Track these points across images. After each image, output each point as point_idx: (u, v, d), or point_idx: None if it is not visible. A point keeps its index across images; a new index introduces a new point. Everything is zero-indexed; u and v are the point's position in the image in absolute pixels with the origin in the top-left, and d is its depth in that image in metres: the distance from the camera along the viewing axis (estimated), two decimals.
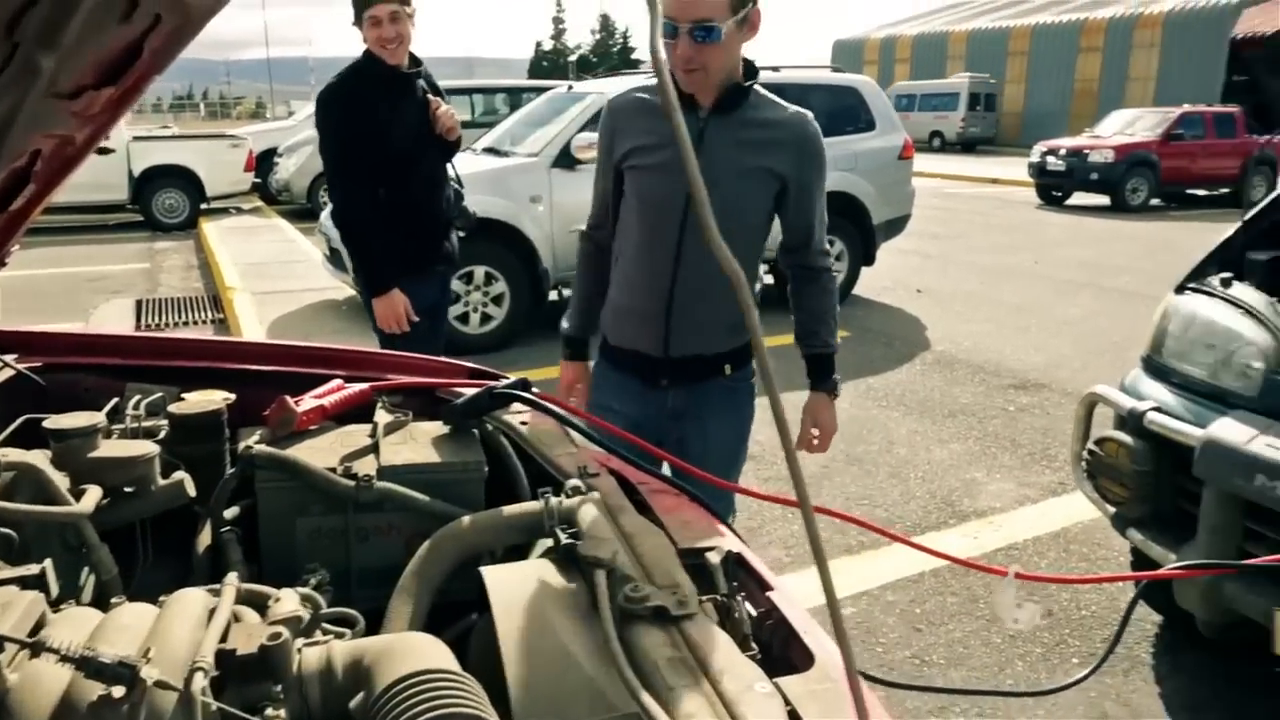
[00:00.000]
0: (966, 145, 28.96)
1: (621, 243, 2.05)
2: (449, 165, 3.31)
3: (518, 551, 1.24)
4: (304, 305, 7.11)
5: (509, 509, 1.21)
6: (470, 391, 1.42)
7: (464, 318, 5.92)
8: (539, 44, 45.05)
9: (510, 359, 5.79)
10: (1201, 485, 2.14)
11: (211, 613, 0.87)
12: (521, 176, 6.05)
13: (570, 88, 7.19)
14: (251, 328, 6.46)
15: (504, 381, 1.44)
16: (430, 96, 3.13)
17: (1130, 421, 2.34)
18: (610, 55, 45.04)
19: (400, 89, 3.04)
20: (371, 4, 2.90)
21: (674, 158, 1.89)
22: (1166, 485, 2.29)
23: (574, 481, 1.26)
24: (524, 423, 1.47)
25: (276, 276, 8.15)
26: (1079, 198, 15.42)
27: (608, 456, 1.39)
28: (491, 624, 0.93)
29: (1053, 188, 15.46)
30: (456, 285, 5.84)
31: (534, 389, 1.46)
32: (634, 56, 48.17)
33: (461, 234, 3.40)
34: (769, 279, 7.27)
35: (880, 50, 37.08)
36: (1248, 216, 2.54)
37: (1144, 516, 2.35)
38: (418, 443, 1.35)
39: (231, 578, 0.97)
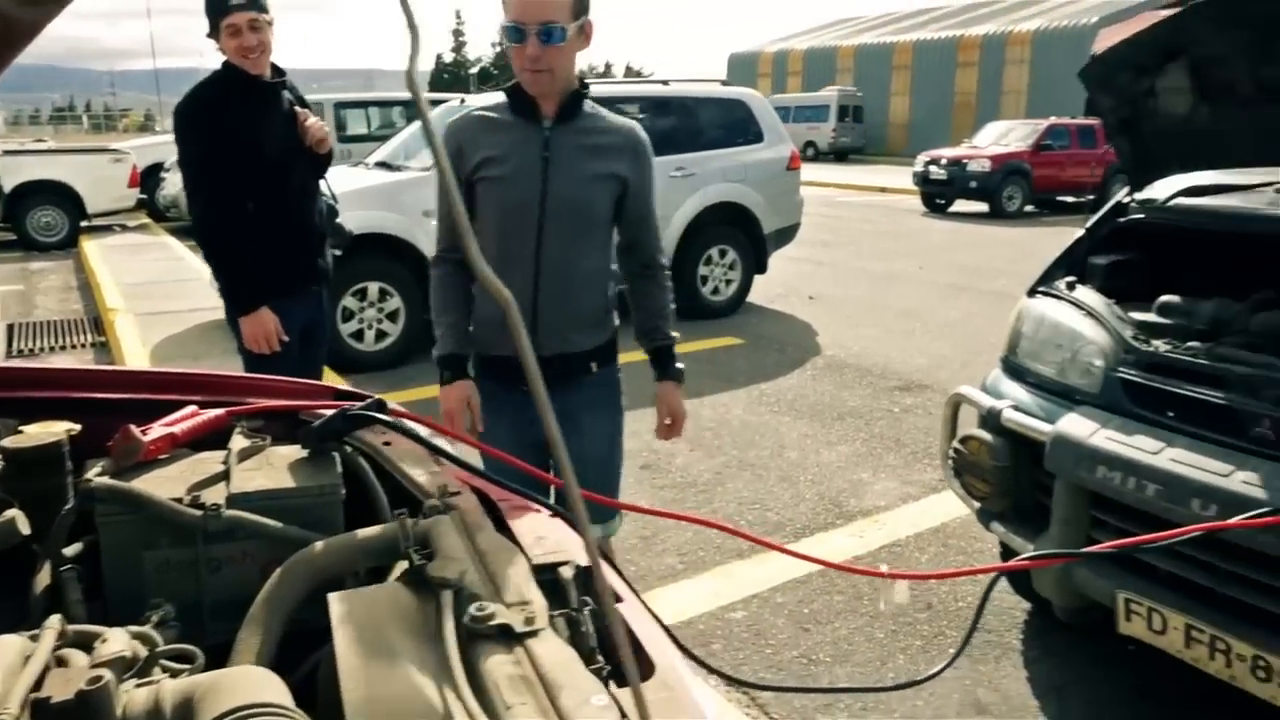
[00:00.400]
0: (839, 155, 30.30)
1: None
2: (322, 180, 3.24)
3: (381, 574, 1.24)
4: (192, 326, 6.85)
5: (364, 532, 1.20)
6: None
7: (358, 335, 5.80)
8: (440, 57, 44.25)
9: (407, 375, 5.71)
10: (1053, 478, 2.27)
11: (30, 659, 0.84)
12: (414, 191, 5.97)
13: (462, 100, 7.14)
14: (134, 351, 6.19)
15: (360, 403, 1.43)
16: (298, 108, 3.07)
17: (989, 420, 2.47)
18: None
19: (264, 99, 2.96)
20: (229, 12, 2.81)
21: (523, 166, 2.01)
22: (1024, 480, 2.42)
23: (432, 501, 1.26)
24: (387, 443, 1.46)
25: (163, 296, 7.83)
26: (960, 205, 16.10)
27: (471, 475, 1.39)
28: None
29: (936, 196, 16.10)
30: (350, 302, 5.73)
31: (393, 407, 1.45)
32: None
33: (337, 252, 3.34)
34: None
35: (773, 63, 37.99)
36: (1089, 224, 2.71)
37: (1005, 510, 2.48)
38: (273, 468, 1.33)
39: (53, 620, 0.93)
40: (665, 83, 7.31)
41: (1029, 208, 15.78)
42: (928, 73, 32.14)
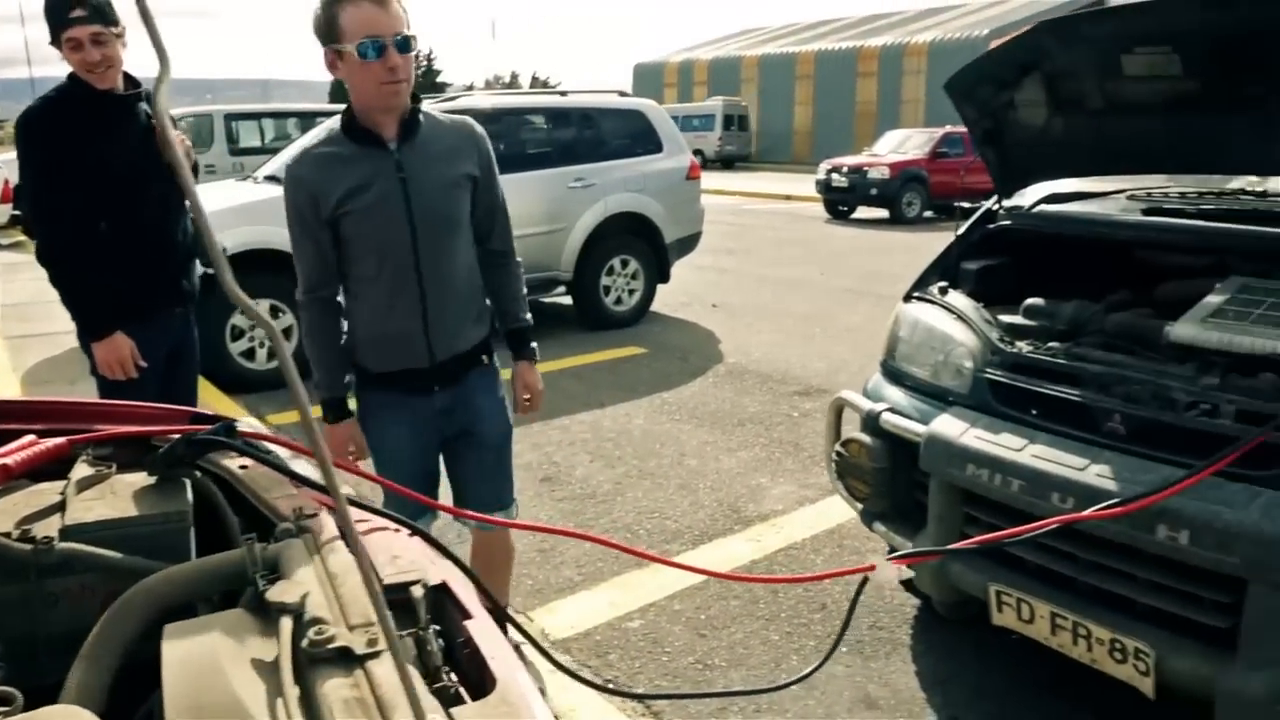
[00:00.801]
0: (725, 162, 31.05)
1: (356, 283, 2.20)
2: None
3: (236, 601, 1.20)
4: (68, 349, 6.53)
5: (211, 559, 1.16)
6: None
7: (249, 353, 5.63)
8: None
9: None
10: (928, 477, 2.35)
11: None
12: None
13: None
14: (3, 376, 5.87)
15: (209, 427, 1.39)
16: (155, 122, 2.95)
17: (868, 423, 2.53)
18: (415, 78, 44.38)
19: (115, 114, 2.78)
20: (68, 25, 2.61)
21: (385, 192, 2.07)
22: (902, 480, 2.49)
23: (284, 525, 1.23)
24: (244, 466, 1.42)
25: (38, 319, 7.44)
26: (862, 212, 16.54)
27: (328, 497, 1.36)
28: None
29: (838, 203, 16.51)
30: (240, 320, 5.55)
31: (248, 429, 1.41)
32: (440, 80, 47.39)
33: (209, 270, 3.23)
34: (567, 299, 7.39)
35: (679, 73, 38.40)
36: (960, 231, 2.82)
37: (886, 510, 2.55)
38: (116, 496, 1.28)
39: None
40: (563, 93, 7.33)
41: (927, 213, 16.29)
42: (829, 82, 32.96)
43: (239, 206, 5.77)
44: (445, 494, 2.57)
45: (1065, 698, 2.65)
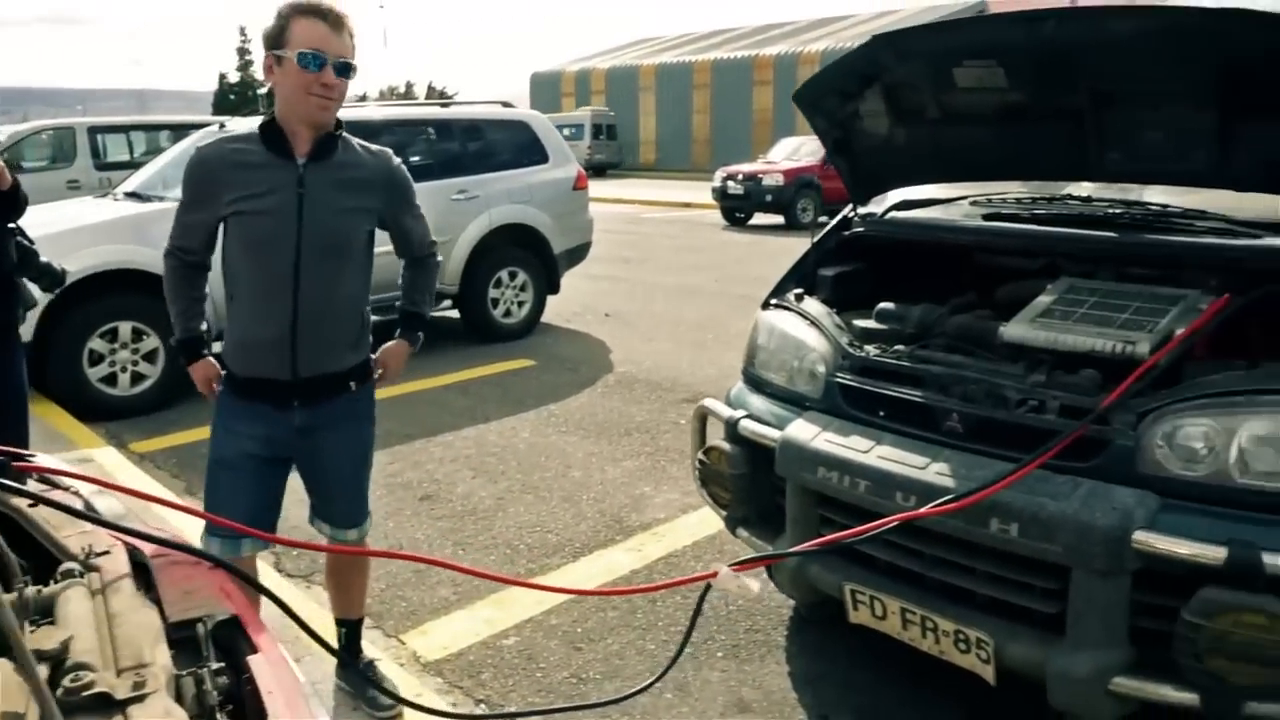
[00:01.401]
0: (597, 170, 31.52)
1: (234, 284, 2.24)
2: (11, 221, 2.92)
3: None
4: None
5: None
6: None
7: (111, 379, 5.36)
8: (224, 76, 41.62)
9: (169, 419, 5.33)
10: (784, 482, 2.38)
11: None
12: (168, 223, 5.59)
13: (222, 125, 6.77)
14: None
15: None
16: None
17: (728, 430, 2.56)
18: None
19: None
20: None
21: (281, 202, 2.14)
22: (762, 485, 2.52)
23: (67, 565, 1.16)
24: (33, 504, 1.34)
25: None
26: (758, 218, 16.82)
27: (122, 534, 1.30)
28: None
29: (735, 210, 16.75)
30: (98, 344, 5.28)
31: (44, 463, 1.33)
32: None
33: (51, 293, 3.07)
34: (454, 313, 7.28)
35: (576, 83, 38.44)
36: (816, 239, 2.88)
37: (748, 516, 2.58)
38: None
39: None
40: (445, 104, 7.25)
41: (822, 219, 16.61)
42: (726, 91, 33.49)
43: (95, 225, 5.50)
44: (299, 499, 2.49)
45: (932, 687, 2.72)
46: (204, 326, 2.39)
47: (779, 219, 16.31)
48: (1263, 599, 1.70)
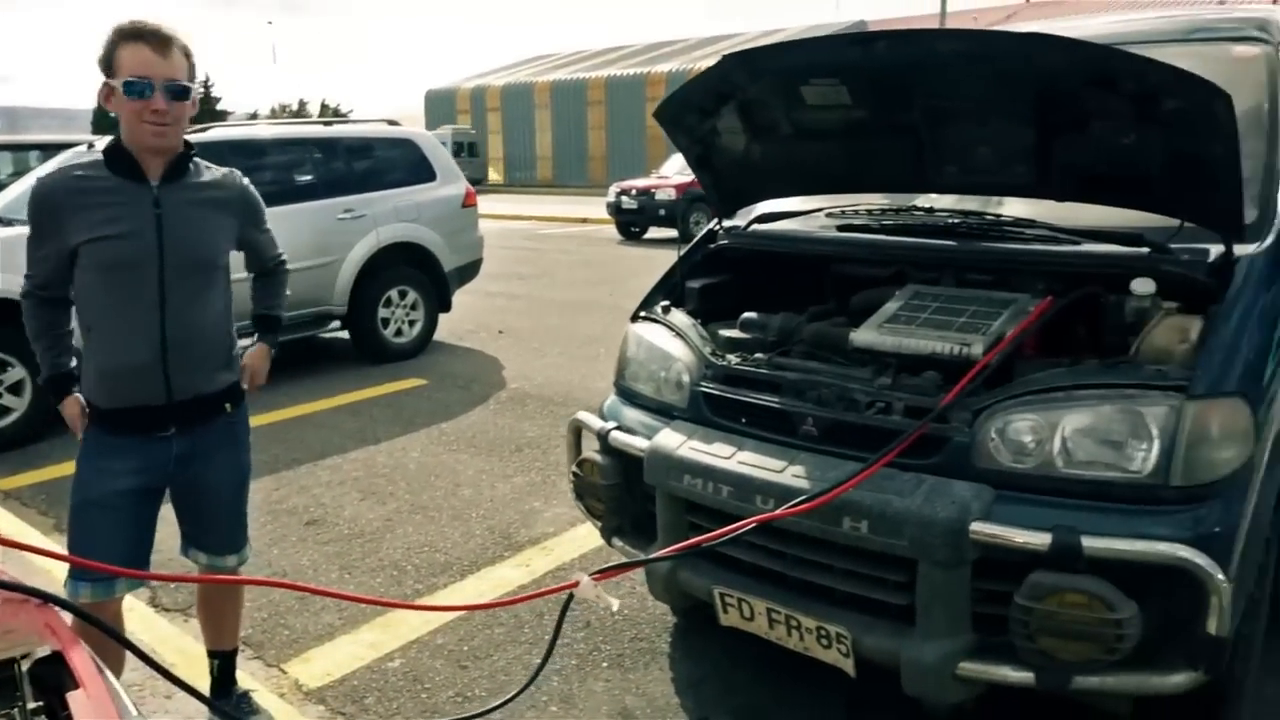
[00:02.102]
0: None
1: (93, 314, 2.19)
2: None
3: None
4: None
5: None
6: None
7: None
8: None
9: (40, 453, 5.08)
10: (654, 490, 2.43)
11: None
12: None
13: (91, 145, 6.51)
14: None
15: None
16: None
17: (600, 442, 2.60)
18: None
19: None
20: None
21: (138, 227, 2.13)
22: (634, 495, 2.57)
23: None
24: None
25: None
26: (653, 232, 17.00)
27: None
28: None
29: (630, 224, 16.90)
30: None
31: None
32: (220, 108, 44.57)
33: None
34: (344, 333, 7.15)
35: (471, 99, 38.19)
36: (682, 253, 2.96)
37: (621, 525, 2.62)
38: None
39: None
40: (328, 123, 7.13)
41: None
42: (621, 107, 33.79)
43: None
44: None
45: (808, 684, 2.82)
46: (73, 362, 2.31)
47: (673, 232, 16.50)
48: (1083, 580, 1.83)
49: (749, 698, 2.80)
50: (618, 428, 2.59)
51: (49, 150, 10.88)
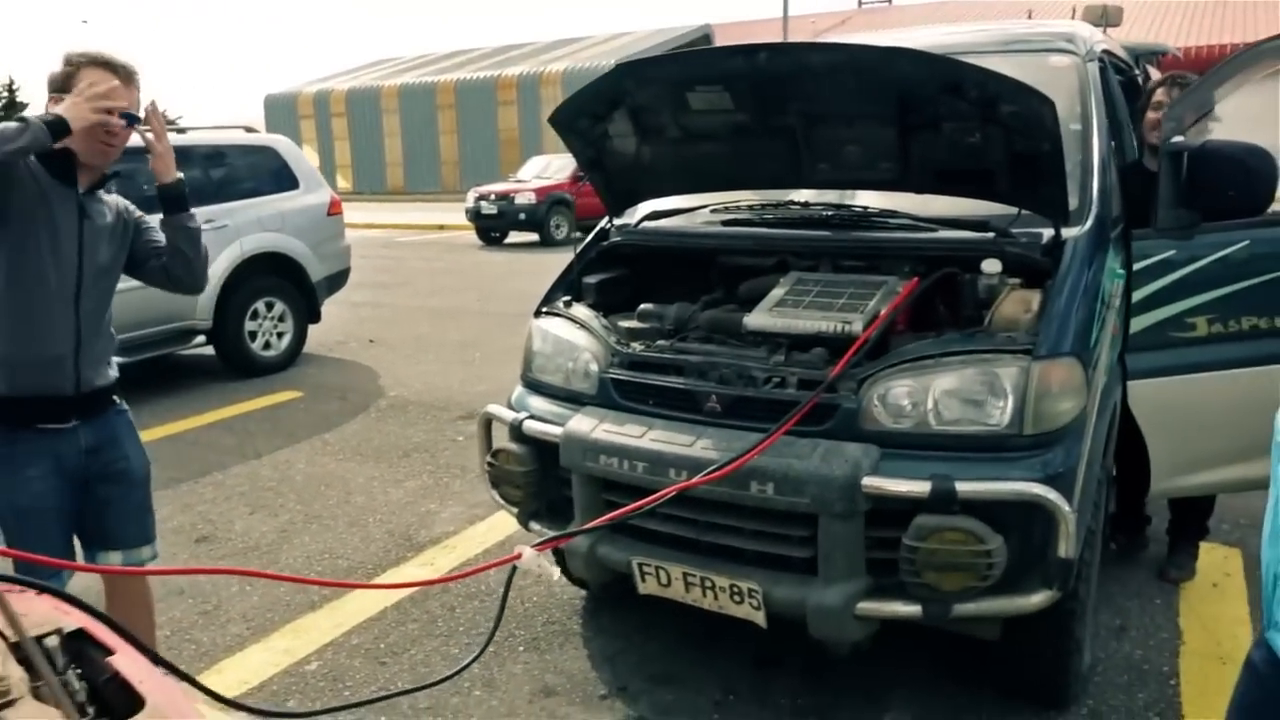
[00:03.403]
0: None
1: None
2: None
3: None
4: None
5: None
6: None
7: None
8: None
9: None
10: (570, 473, 2.59)
11: None
12: None
13: None
14: None
15: None
16: None
17: (513, 431, 2.74)
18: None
19: None
20: None
21: (66, 226, 2.23)
22: (550, 479, 2.72)
23: None
24: None
25: None
26: (513, 236, 17.05)
27: None
28: None
29: (490, 229, 16.87)
30: None
31: None
32: (28, 114, 41.19)
33: None
34: (210, 349, 6.92)
35: (315, 104, 36.92)
36: (579, 250, 3.13)
37: (539, 510, 2.77)
38: None
39: None
40: (182, 131, 6.87)
41: (576, 234, 17.15)
42: (472, 111, 33.44)
43: None
44: None
45: (717, 647, 3.04)
46: None
47: (534, 236, 16.62)
48: (958, 519, 2.12)
49: (663, 665, 3.00)
50: (530, 417, 2.73)
51: None
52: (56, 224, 2.21)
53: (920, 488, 2.15)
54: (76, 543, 2.44)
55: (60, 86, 2.18)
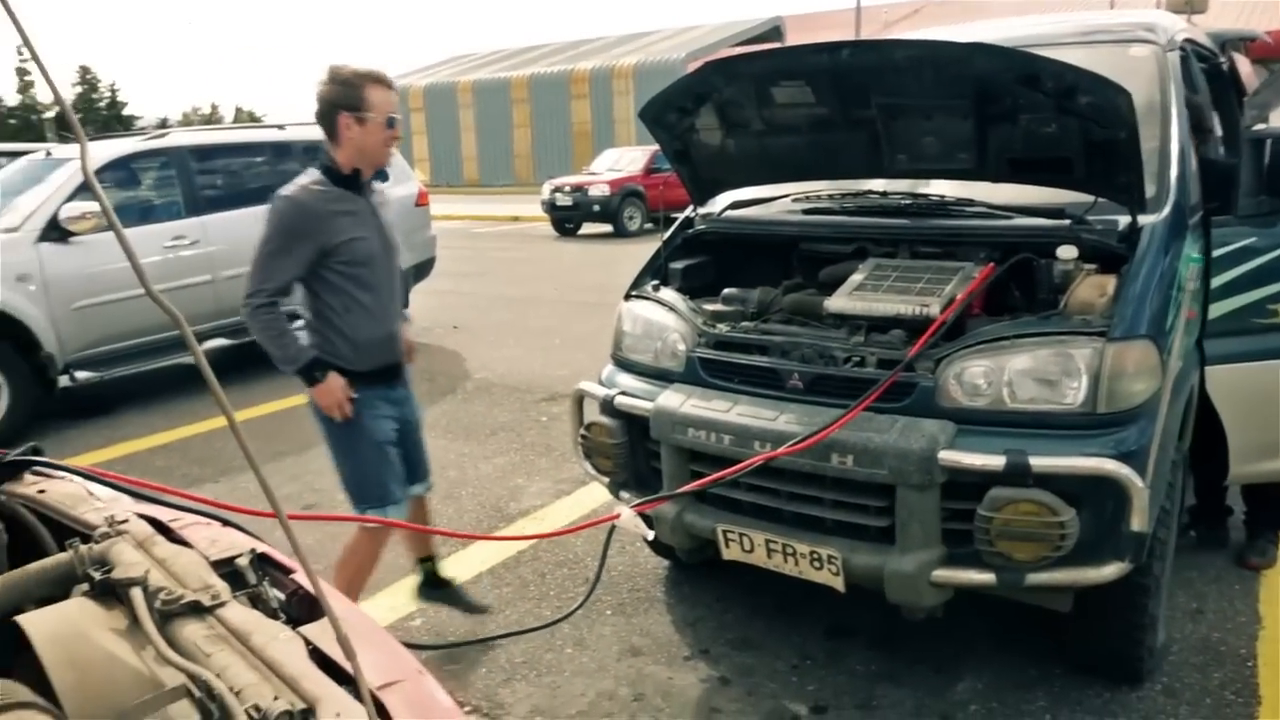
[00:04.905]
0: None
1: (349, 299, 2.75)
2: None
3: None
4: None
5: (34, 565, 1.29)
6: None
7: None
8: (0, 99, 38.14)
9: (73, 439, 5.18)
10: (659, 445, 2.77)
11: None
12: (2, 254, 5.42)
13: (49, 153, 6.54)
14: None
15: (14, 451, 1.50)
16: None
17: (606, 406, 2.93)
18: (96, 111, 39.65)
19: None
20: None
21: (374, 227, 2.77)
22: (639, 451, 2.90)
23: (103, 529, 1.38)
24: (41, 491, 1.53)
25: None
26: (587, 228, 17.31)
27: (136, 503, 1.52)
28: (34, 659, 1.06)
29: (564, 220, 17.17)
30: None
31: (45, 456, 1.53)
32: (127, 113, 43.04)
33: None
34: None
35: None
36: (665, 237, 3.30)
37: (628, 479, 2.95)
38: None
39: None
40: (281, 127, 7.24)
41: (648, 225, 17.35)
42: (545, 105, 33.90)
43: None
44: None
45: (792, 615, 3.20)
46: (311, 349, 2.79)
47: (607, 227, 16.84)
48: (1031, 492, 2.23)
49: (741, 632, 3.16)
50: (621, 393, 2.92)
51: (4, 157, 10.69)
52: (373, 227, 2.74)
53: (995, 461, 2.26)
54: None
55: (348, 102, 2.61)
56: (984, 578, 2.35)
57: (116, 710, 0.98)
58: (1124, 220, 2.59)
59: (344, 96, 2.61)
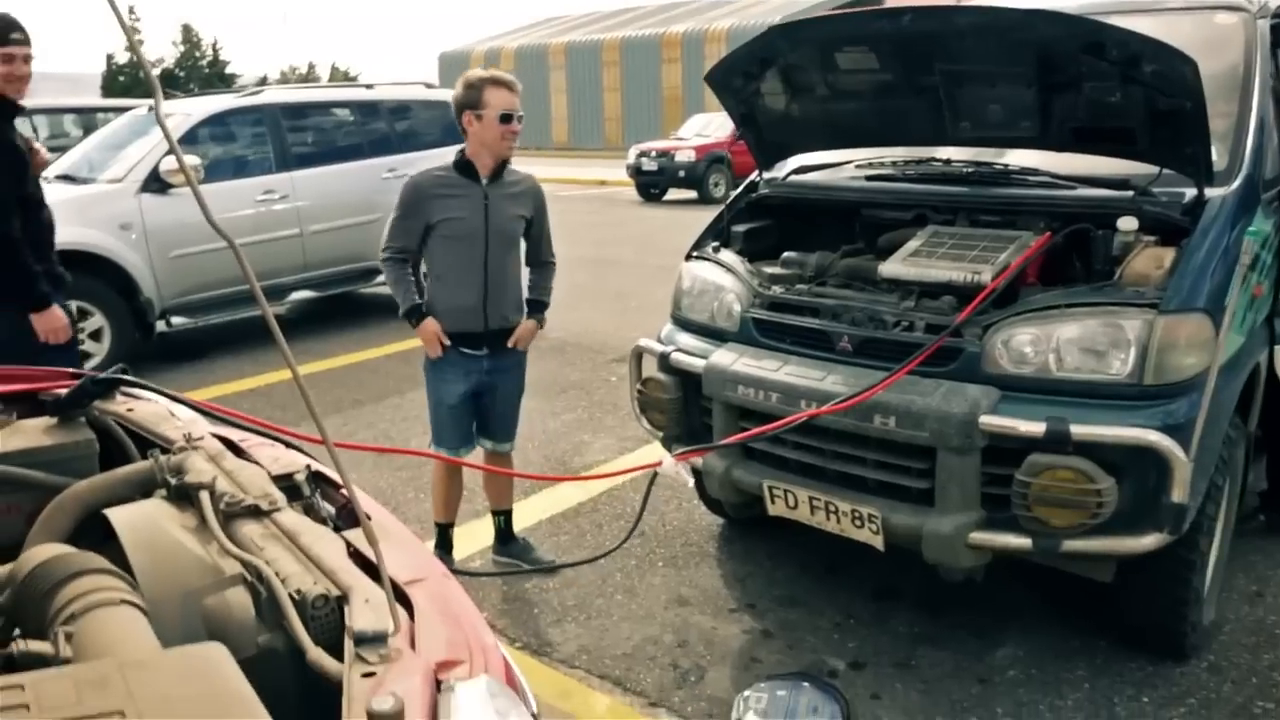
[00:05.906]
0: None
1: (441, 267, 3.17)
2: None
3: None
4: None
5: (122, 469, 1.47)
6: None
7: None
8: (111, 57, 39.76)
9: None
10: (711, 401, 2.86)
11: None
12: (107, 204, 5.78)
13: (151, 108, 6.91)
14: None
15: (105, 372, 1.67)
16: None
17: (661, 362, 3.03)
18: (199, 69, 40.98)
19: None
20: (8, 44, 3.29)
21: (472, 212, 3.08)
22: (692, 407, 3.00)
23: (180, 444, 1.55)
24: (130, 409, 1.71)
25: None
26: (672, 193, 17.30)
27: (212, 424, 1.69)
28: (119, 548, 1.22)
29: (650, 185, 17.18)
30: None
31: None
32: (229, 71, 44.52)
33: None
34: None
35: (485, 62, 38.17)
36: (729, 201, 3.35)
37: (681, 434, 3.05)
38: (25, 434, 1.55)
39: None
40: (369, 86, 7.48)
41: (733, 192, 17.24)
42: (636, 68, 33.80)
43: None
44: None
45: (840, 575, 3.27)
46: (417, 299, 3.18)
47: (692, 194, 16.79)
48: (1071, 459, 2.24)
49: (788, 589, 3.25)
50: (677, 350, 3.01)
51: (87, 114, 11.29)
52: (470, 211, 3.04)
53: (1035, 428, 2.29)
54: None
55: (470, 102, 3.01)
56: (1020, 542, 2.38)
57: (181, 589, 1.13)
58: (1190, 192, 2.55)
59: (467, 98, 3.03)
